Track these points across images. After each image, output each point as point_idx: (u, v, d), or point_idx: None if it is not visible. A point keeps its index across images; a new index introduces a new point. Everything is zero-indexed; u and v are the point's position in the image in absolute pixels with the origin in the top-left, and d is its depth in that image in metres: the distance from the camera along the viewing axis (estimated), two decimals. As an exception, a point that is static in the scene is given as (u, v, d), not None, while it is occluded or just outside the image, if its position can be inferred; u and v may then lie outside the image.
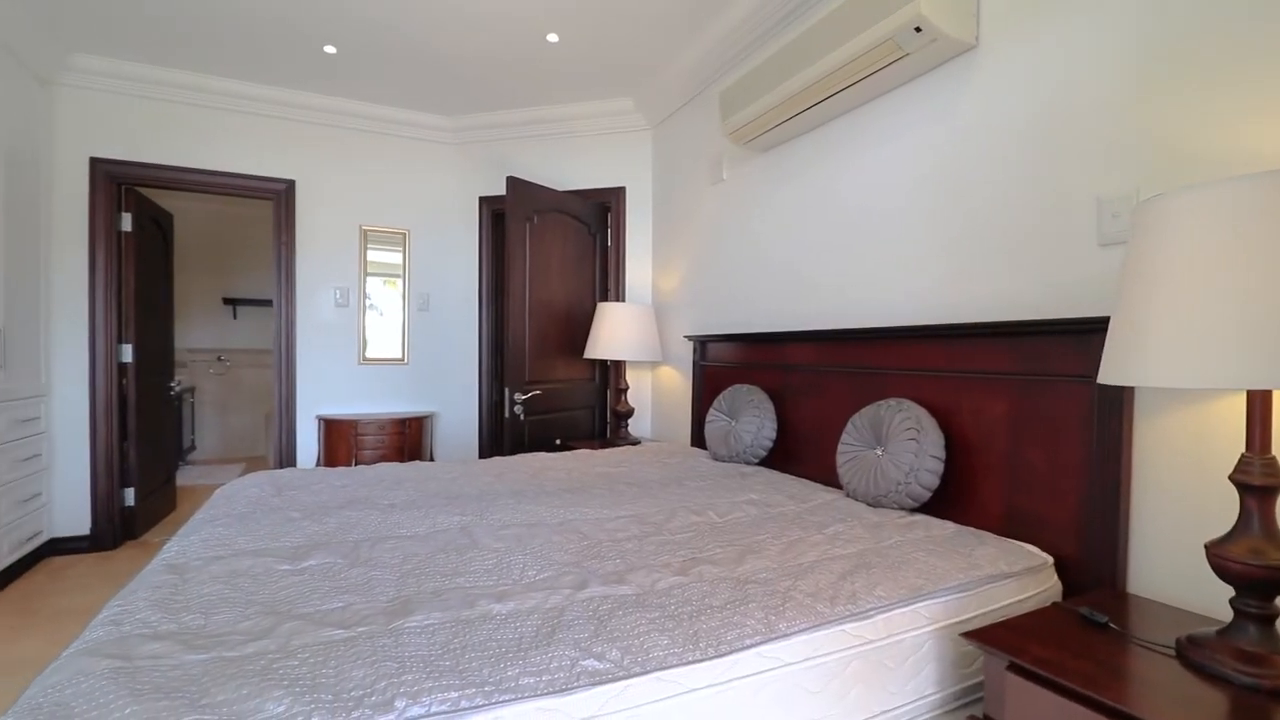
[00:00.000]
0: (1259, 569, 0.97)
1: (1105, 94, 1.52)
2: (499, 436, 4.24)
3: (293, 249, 3.93)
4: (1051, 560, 1.51)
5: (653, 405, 3.92)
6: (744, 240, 3.00)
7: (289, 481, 2.10)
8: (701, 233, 3.36)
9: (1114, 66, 1.50)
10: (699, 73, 3.24)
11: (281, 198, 3.90)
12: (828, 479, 2.29)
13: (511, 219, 3.36)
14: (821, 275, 2.49)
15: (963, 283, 1.89)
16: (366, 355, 4.16)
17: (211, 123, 3.73)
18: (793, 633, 1.13)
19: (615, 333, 3.39)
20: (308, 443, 3.99)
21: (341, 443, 3.84)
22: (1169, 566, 1.37)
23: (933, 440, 1.75)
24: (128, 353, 3.64)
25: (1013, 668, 1.09)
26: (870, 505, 1.86)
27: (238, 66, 3.50)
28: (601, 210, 3.99)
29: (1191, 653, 1.04)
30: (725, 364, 3.00)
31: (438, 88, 3.73)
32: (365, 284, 4.15)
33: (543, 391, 3.52)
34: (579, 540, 1.54)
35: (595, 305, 3.92)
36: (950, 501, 1.82)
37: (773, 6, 2.63)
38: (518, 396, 3.34)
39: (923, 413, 1.81)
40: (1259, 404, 1.02)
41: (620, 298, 3.94)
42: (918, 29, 1.80)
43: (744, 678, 1.07)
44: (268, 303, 6.27)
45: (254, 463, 6.19)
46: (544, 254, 3.58)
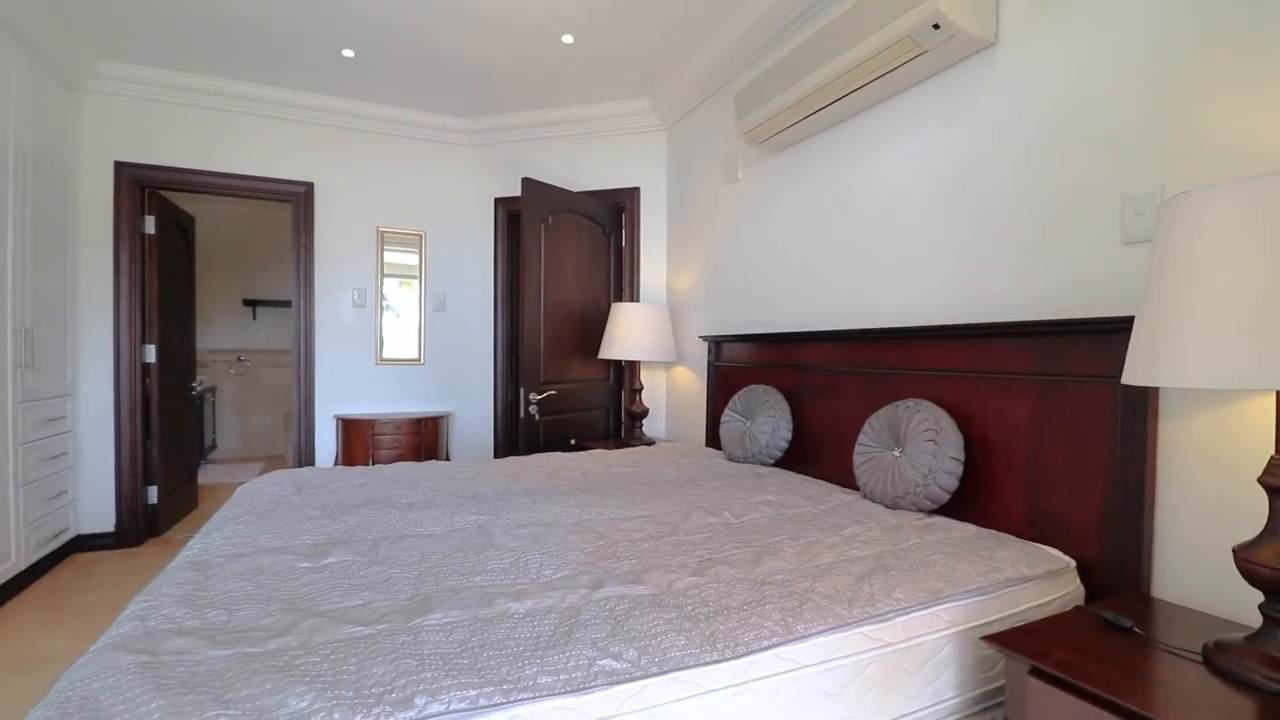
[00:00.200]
0: (1290, 574, 0.95)
1: (1129, 89, 1.49)
2: (514, 436, 4.26)
3: (311, 250, 3.98)
4: (1074, 563, 1.48)
5: (667, 405, 3.92)
6: (759, 240, 2.98)
7: (308, 480, 2.12)
8: (716, 233, 3.36)
9: (1138, 61, 1.48)
10: (714, 73, 3.23)
11: (300, 200, 3.95)
12: (844, 480, 2.28)
13: (527, 220, 3.37)
14: (838, 275, 2.47)
15: (982, 282, 1.87)
16: (383, 355, 4.20)
17: (232, 126, 3.79)
18: (810, 635, 1.13)
19: (630, 333, 3.40)
20: (326, 442, 4.04)
21: (359, 442, 3.88)
22: (1195, 570, 1.34)
23: (951, 441, 1.73)
24: (151, 353, 3.70)
25: (1035, 672, 1.07)
26: (888, 507, 1.85)
27: (258, 71, 3.55)
28: (616, 210, 3.99)
29: (1219, 659, 1.02)
30: (740, 364, 2.99)
31: (454, 90, 3.76)
32: (382, 285, 4.19)
33: (557, 392, 3.53)
34: (595, 540, 1.54)
35: (610, 305, 3.93)
36: (969, 504, 1.80)
37: (788, 5, 2.62)
38: (533, 396, 3.35)
39: (941, 413, 1.79)
40: (1290, 405, 1.00)
41: (635, 298, 3.94)
42: (936, 26, 1.79)
43: (761, 679, 1.07)
44: (287, 304, 6.35)
45: (273, 461, 6.27)
46: (559, 254, 3.59)
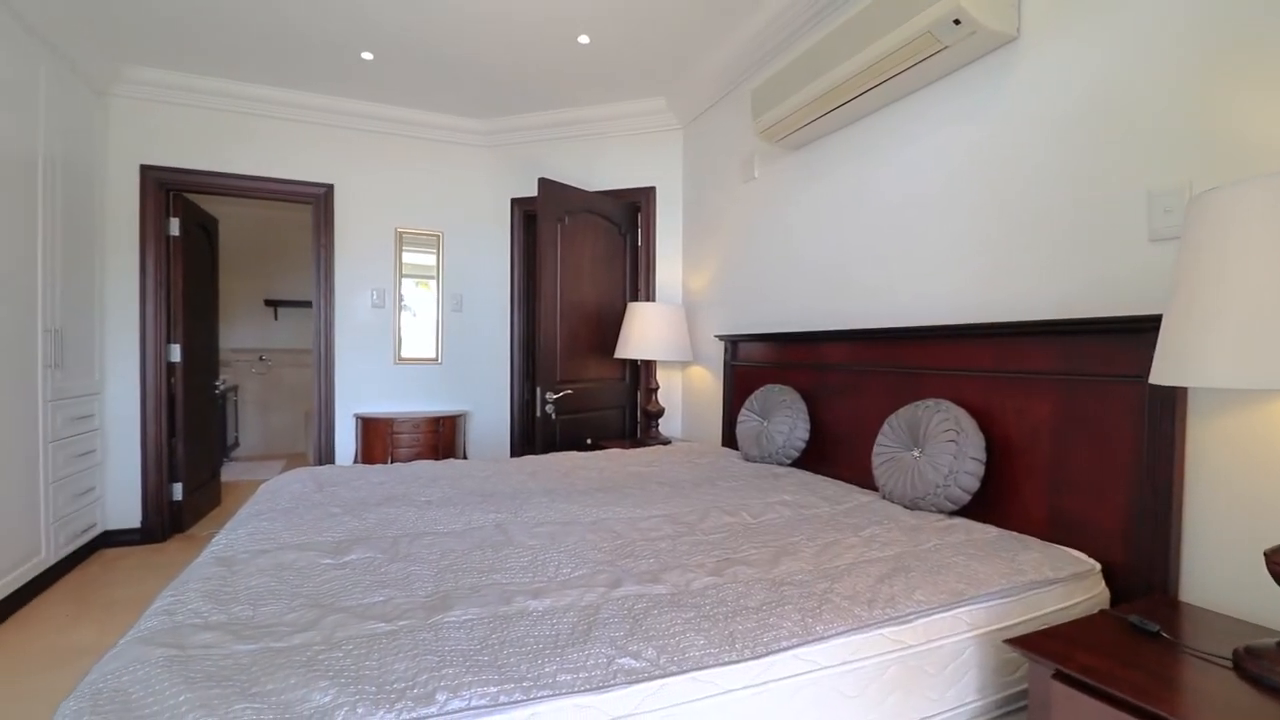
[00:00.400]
0: (1325, 578, 0.93)
1: (1156, 84, 1.46)
2: (530, 435, 4.28)
3: (331, 251, 4.03)
4: (1099, 566, 1.46)
5: (683, 405, 3.91)
6: (776, 239, 2.97)
7: (330, 478, 2.15)
8: (732, 232, 3.35)
9: (1165, 55, 1.45)
10: (730, 71, 3.22)
11: (320, 201, 4.00)
12: (862, 481, 2.26)
13: (543, 220, 3.39)
14: (856, 274, 2.46)
15: (1002, 280, 1.85)
16: (402, 355, 4.24)
17: (254, 129, 3.85)
18: (830, 636, 1.12)
19: (645, 332, 3.40)
20: (346, 440, 4.08)
21: (378, 440, 3.92)
22: (1225, 574, 1.31)
23: (973, 442, 1.71)
24: (176, 353, 3.77)
25: (1059, 676, 1.06)
26: (907, 508, 1.83)
27: (280, 74, 3.60)
28: (632, 210, 4.00)
29: (1250, 664, 0.99)
30: (757, 364, 2.98)
31: (471, 91, 3.78)
32: (400, 285, 4.23)
33: (574, 391, 3.54)
34: (612, 539, 1.55)
35: (626, 305, 3.93)
36: (990, 505, 1.78)
37: (805, 2, 2.60)
38: (549, 396, 3.37)
39: (962, 413, 1.77)
40: (1325, 406, 0.97)
41: (650, 297, 3.94)
42: (956, 21, 1.77)
43: (780, 680, 1.06)
44: (307, 304, 6.44)
45: (294, 459, 6.36)
46: (575, 254, 3.60)
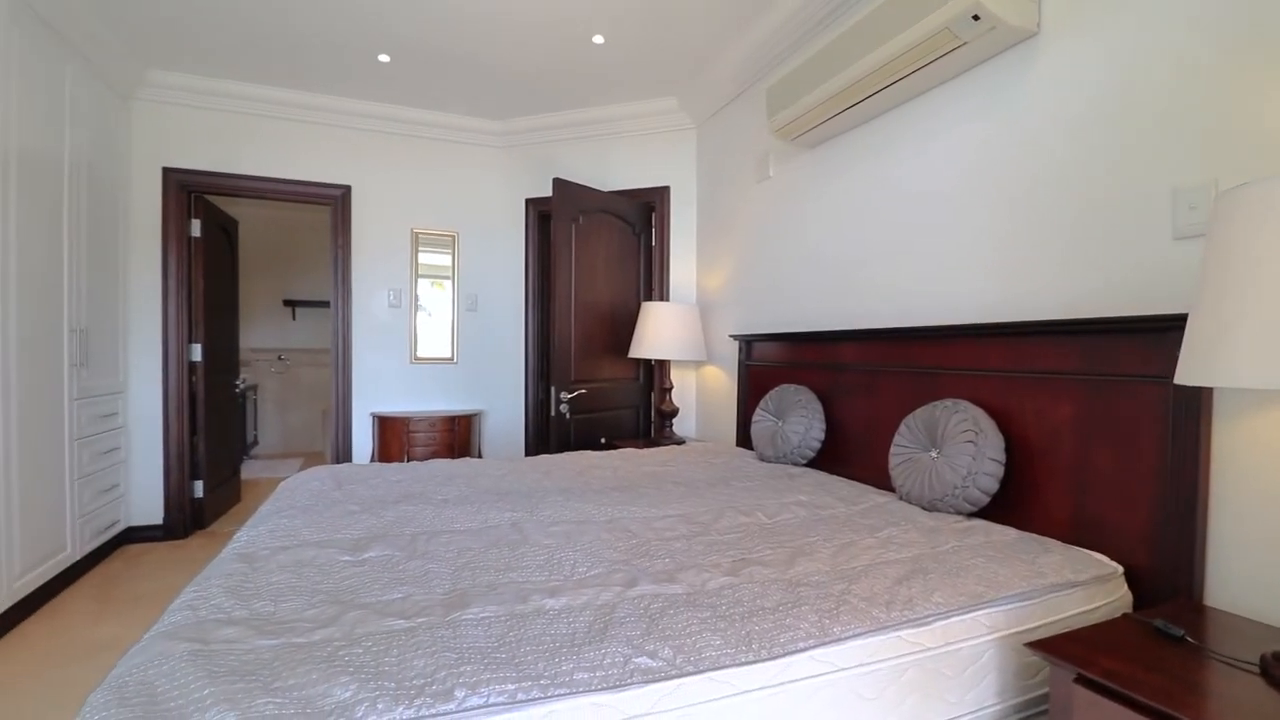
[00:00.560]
0: (1358, 583, 0.91)
1: (1182, 78, 1.44)
2: (545, 435, 4.29)
3: (349, 252, 4.07)
4: (1121, 570, 1.44)
5: (697, 405, 3.91)
6: (791, 238, 2.96)
7: (348, 476, 2.17)
8: (747, 231, 3.34)
9: (1192, 48, 1.42)
10: (745, 70, 3.21)
11: (338, 203, 4.04)
12: (879, 481, 2.24)
13: (557, 220, 3.40)
14: (872, 273, 2.44)
15: (1022, 279, 1.82)
16: (418, 355, 4.28)
17: (273, 132, 3.89)
18: (847, 637, 1.11)
19: (659, 332, 3.40)
20: (363, 439, 4.13)
21: (394, 439, 3.95)
22: (1252, 578, 1.29)
23: (992, 443, 1.69)
24: (197, 352, 3.83)
25: (1081, 680, 1.04)
26: (925, 509, 1.81)
27: (299, 77, 3.64)
28: (646, 210, 4.00)
29: (1278, 670, 0.97)
30: (771, 363, 2.96)
31: (486, 92, 3.80)
32: (416, 285, 4.27)
33: (588, 391, 3.55)
34: (628, 538, 1.55)
35: (639, 305, 3.93)
36: (1010, 507, 1.76)
37: (820, 0, 2.59)
38: (563, 395, 3.38)
39: (981, 414, 1.75)
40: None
41: (664, 297, 3.94)
42: (975, 17, 1.75)
43: (797, 681, 1.06)
44: (325, 304, 6.51)
45: (312, 457, 6.44)
46: (589, 254, 3.61)
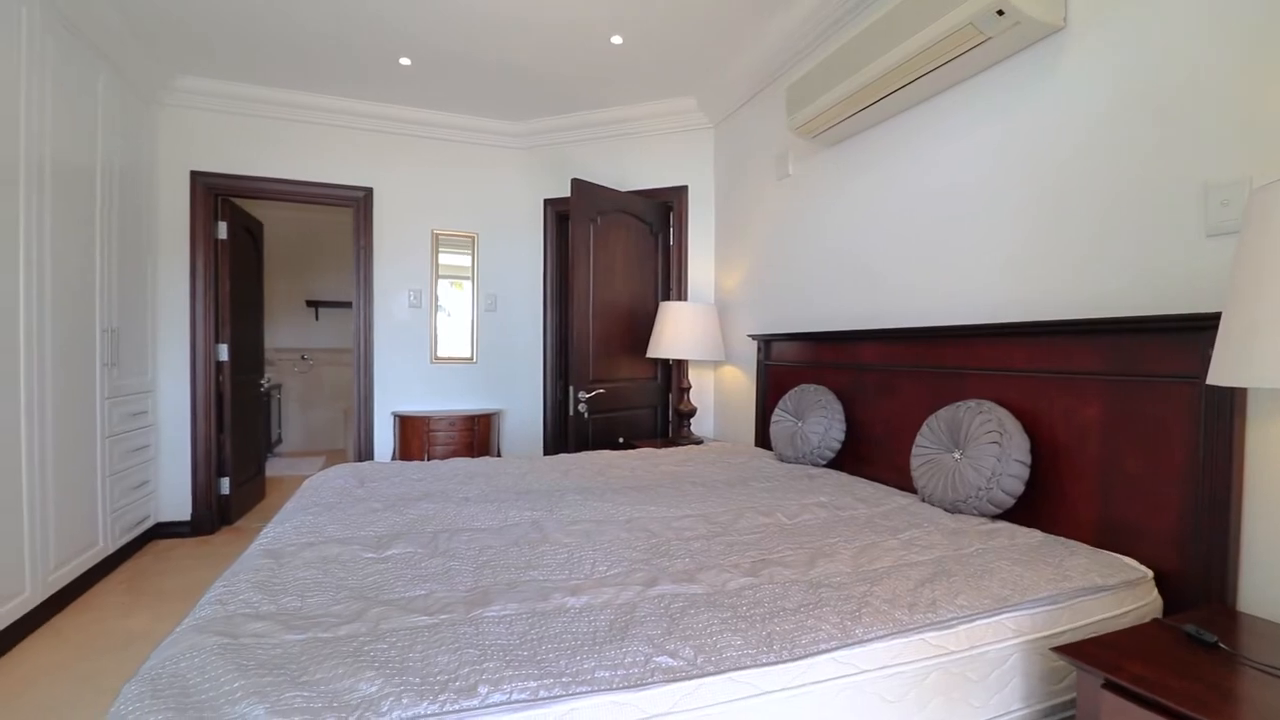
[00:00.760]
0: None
1: (1213, 72, 1.40)
2: (563, 434, 4.31)
3: (370, 253, 4.13)
4: (1151, 574, 1.41)
5: (715, 405, 3.90)
6: (810, 237, 2.94)
7: (370, 474, 2.20)
8: (765, 230, 3.32)
9: (1223, 42, 1.39)
10: (763, 68, 3.20)
11: (360, 204, 4.09)
12: (900, 483, 2.22)
13: (576, 220, 3.41)
14: (894, 271, 2.41)
15: (1048, 277, 1.79)
16: (438, 354, 4.32)
17: (297, 135, 3.96)
18: (870, 639, 1.11)
19: (678, 332, 3.39)
20: (384, 437, 4.18)
21: (415, 437, 4.00)
22: (1288, 584, 1.26)
23: (1017, 444, 1.67)
24: (224, 352, 3.91)
25: (1109, 686, 1.02)
26: (948, 511, 1.79)
27: (322, 81, 3.69)
28: (664, 209, 4.00)
29: (1318, 679, 0.95)
30: (790, 363, 2.95)
31: (505, 94, 3.83)
32: (436, 286, 4.31)
33: (606, 390, 3.56)
34: (647, 538, 1.55)
35: (657, 304, 3.94)
36: (1035, 509, 1.73)
37: (841, -3, 2.57)
38: (582, 395, 3.39)
39: (1005, 414, 1.73)
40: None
41: (682, 297, 3.94)
42: (1000, 12, 1.72)
43: (819, 683, 1.05)
44: (347, 304, 6.59)
45: (334, 455, 6.53)
46: (607, 254, 3.61)
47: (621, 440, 3.67)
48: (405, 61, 3.41)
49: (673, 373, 3.92)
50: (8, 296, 2.30)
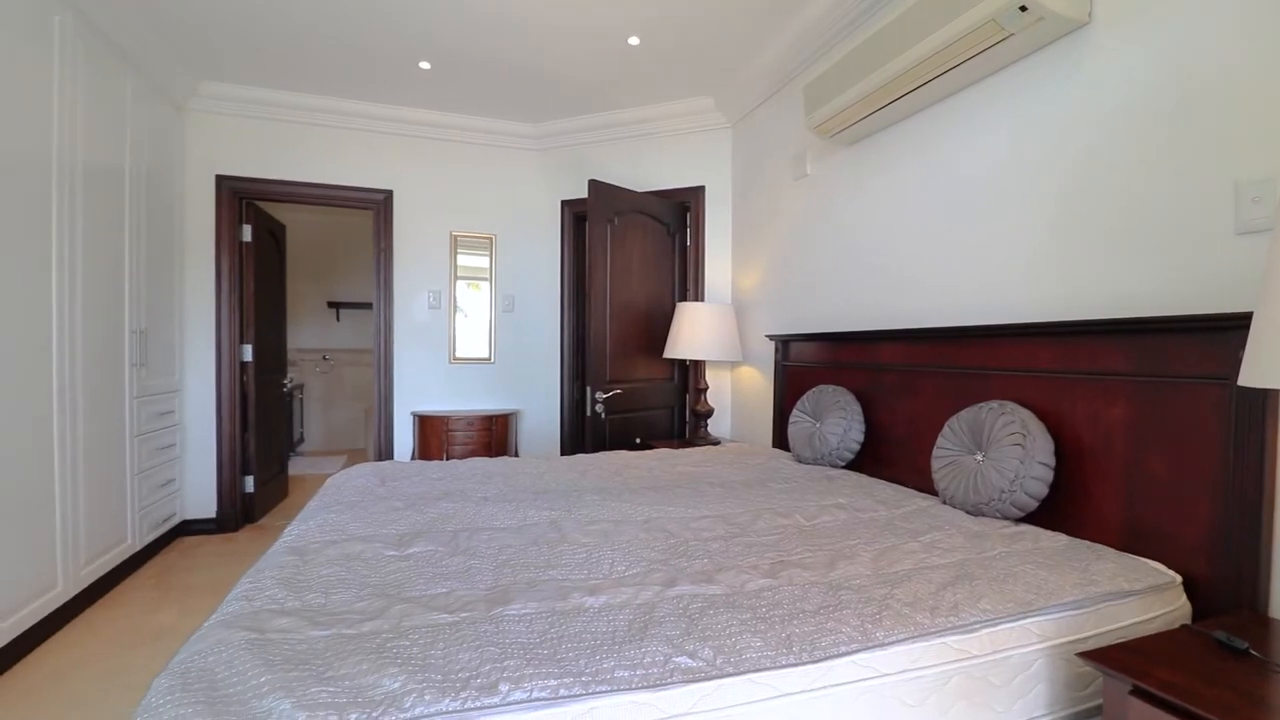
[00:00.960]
0: None
1: (1243, 67, 1.38)
2: (580, 434, 4.33)
3: (390, 255, 4.17)
4: (1179, 579, 1.38)
5: (732, 405, 3.89)
6: (828, 237, 2.92)
7: (391, 473, 2.23)
8: (783, 230, 3.31)
9: (1253, 35, 1.36)
10: (781, 68, 3.19)
11: (380, 207, 4.14)
12: (920, 484, 2.20)
13: (593, 221, 3.42)
14: (914, 271, 2.39)
15: (1072, 276, 1.77)
16: (456, 355, 4.36)
17: (319, 139, 4.02)
18: (890, 642, 1.10)
19: (695, 332, 3.39)
20: (404, 437, 4.22)
21: (434, 437, 4.04)
22: (1324, 591, 1.23)
23: (1041, 446, 1.64)
24: (248, 352, 3.97)
25: (1137, 693, 1.01)
26: (969, 513, 1.77)
27: (344, 85, 3.74)
28: (681, 210, 4.00)
29: (1356, 688, 0.93)
30: (809, 364, 2.93)
31: (523, 96, 3.85)
32: (455, 287, 4.35)
33: (623, 391, 3.57)
34: (665, 538, 1.55)
35: (675, 305, 3.94)
36: (1060, 512, 1.71)
37: (860, -5, 2.55)
38: (599, 395, 3.40)
39: (1029, 416, 1.70)
40: None
41: (699, 297, 3.93)
42: (1023, 8, 1.70)
43: (838, 685, 1.05)
44: (368, 306, 6.68)
45: (355, 455, 6.61)
46: (624, 255, 3.62)
47: (638, 441, 3.68)
48: (425, 65, 3.45)
49: (690, 373, 3.92)
50: (41, 297, 2.36)
